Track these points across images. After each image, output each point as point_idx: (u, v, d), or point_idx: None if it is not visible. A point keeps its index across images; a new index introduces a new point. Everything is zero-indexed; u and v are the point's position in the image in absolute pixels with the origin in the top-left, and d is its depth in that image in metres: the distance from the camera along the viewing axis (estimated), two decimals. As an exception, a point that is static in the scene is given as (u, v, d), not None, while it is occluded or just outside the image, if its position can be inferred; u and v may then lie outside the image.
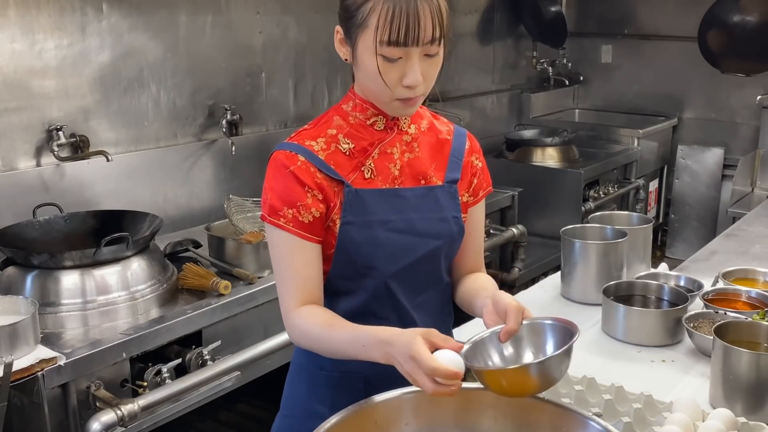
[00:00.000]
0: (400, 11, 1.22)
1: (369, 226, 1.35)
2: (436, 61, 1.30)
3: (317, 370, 1.44)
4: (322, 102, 3.57)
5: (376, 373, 1.37)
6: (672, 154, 5.11)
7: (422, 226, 1.39)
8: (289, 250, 1.34)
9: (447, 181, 1.44)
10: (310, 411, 1.43)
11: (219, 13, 3.08)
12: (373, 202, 1.36)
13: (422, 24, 1.24)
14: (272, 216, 1.33)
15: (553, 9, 5.15)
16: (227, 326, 2.25)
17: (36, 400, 1.82)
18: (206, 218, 2.94)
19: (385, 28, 1.23)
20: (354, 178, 1.36)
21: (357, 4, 1.27)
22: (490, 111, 4.86)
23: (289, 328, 1.36)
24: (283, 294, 1.37)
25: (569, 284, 2.13)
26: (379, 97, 1.34)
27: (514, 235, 3.62)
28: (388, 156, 1.40)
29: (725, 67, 4.68)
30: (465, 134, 1.51)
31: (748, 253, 2.64)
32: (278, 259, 1.37)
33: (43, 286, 2.05)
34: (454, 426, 1.23)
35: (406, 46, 1.25)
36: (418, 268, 1.40)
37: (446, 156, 1.46)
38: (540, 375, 1.15)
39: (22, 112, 2.51)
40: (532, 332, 1.24)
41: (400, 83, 1.28)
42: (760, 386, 1.47)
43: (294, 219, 1.32)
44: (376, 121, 1.39)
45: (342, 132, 1.38)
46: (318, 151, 1.35)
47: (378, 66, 1.27)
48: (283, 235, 1.33)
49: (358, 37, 1.28)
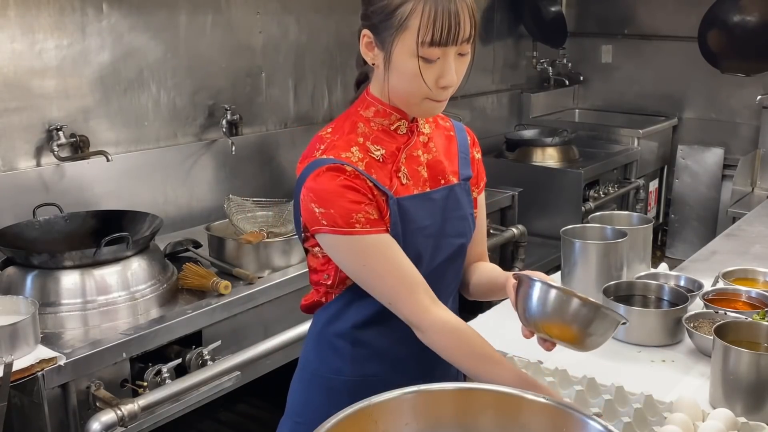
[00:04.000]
0: (442, 11, 1.23)
1: (411, 234, 1.35)
2: (466, 59, 1.31)
3: (334, 376, 1.42)
4: (322, 102, 3.57)
5: (397, 375, 1.37)
6: (672, 154, 5.11)
7: (449, 226, 1.40)
8: (382, 250, 1.30)
9: (462, 178, 1.45)
10: (328, 417, 1.42)
11: (219, 13, 3.08)
12: (414, 210, 1.36)
13: (462, 23, 1.24)
14: (347, 227, 1.28)
15: (553, 9, 5.15)
16: (227, 326, 2.24)
17: (36, 400, 1.82)
18: (206, 218, 2.94)
19: (428, 29, 1.23)
20: (395, 188, 1.35)
21: (394, 6, 1.25)
22: (490, 111, 4.86)
23: (431, 323, 1.30)
24: (403, 295, 1.31)
25: (569, 284, 2.12)
26: (411, 99, 1.32)
27: (514, 235, 3.62)
28: (415, 159, 1.39)
29: (725, 67, 4.68)
30: (463, 128, 1.52)
31: (748, 253, 2.64)
32: (374, 266, 1.30)
33: (43, 286, 2.05)
34: (454, 426, 1.23)
35: (446, 45, 1.25)
36: (447, 267, 1.42)
37: (455, 153, 1.47)
38: (596, 325, 1.23)
39: (22, 112, 2.51)
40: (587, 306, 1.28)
41: (436, 84, 1.28)
42: (760, 386, 1.47)
43: (367, 220, 1.29)
44: (399, 125, 1.38)
45: (368, 139, 1.36)
46: (356, 162, 1.32)
47: (419, 67, 1.26)
48: (367, 240, 1.29)
49: (396, 40, 1.26)
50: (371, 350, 1.41)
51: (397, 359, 1.40)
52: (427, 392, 1.23)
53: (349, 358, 1.41)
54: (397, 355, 1.40)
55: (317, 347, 1.46)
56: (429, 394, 1.23)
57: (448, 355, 1.32)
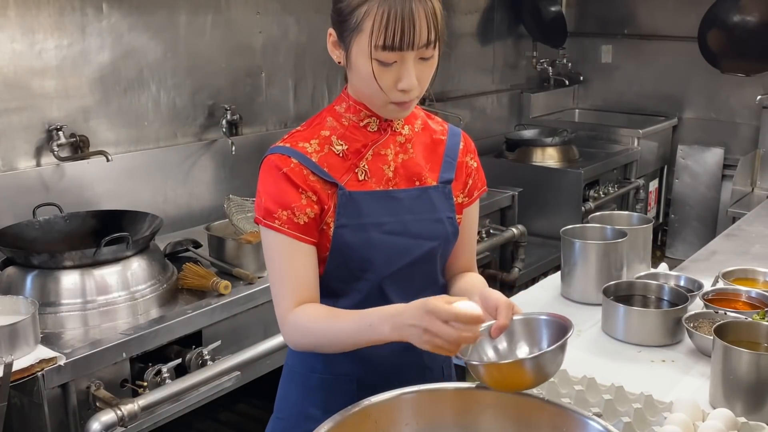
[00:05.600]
0: (395, 15, 1.21)
1: (363, 229, 1.34)
2: (430, 64, 1.29)
3: (310, 373, 1.43)
4: (322, 102, 3.57)
5: (368, 375, 1.38)
6: (672, 154, 5.11)
7: (417, 227, 1.38)
8: (285, 252, 1.33)
9: (441, 181, 1.42)
10: (303, 413, 1.43)
11: (219, 13, 3.08)
12: (367, 205, 1.35)
13: (417, 28, 1.22)
14: (267, 218, 1.32)
15: (553, 9, 5.15)
16: (227, 326, 2.25)
17: (36, 400, 1.82)
18: (206, 218, 2.94)
19: (380, 33, 1.22)
20: (347, 181, 1.35)
21: (351, 8, 1.25)
22: (490, 111, 4.86)
23: (288, 330, 1.34)
24: (278, 297, 1.35)
25: (569, 284, 2.13)
26: (373, 100, 1.33)
27: (514, 235, 3.62)
28: (382, 157, 1.38)
29: (725, 67, 4.68)
30: (459, 134, 1.49)
31: (748, 253, 2.64)
32: (274, 262, 1.35)
33: (43, 286, 2.05)
34: (454, 426, 1.23)
35: (401, 50, 1.23)
36: (414, 270, 1.39)
37: (440, 156, 1.44)
38: (535, 369, 1.16)
39: (22, 112, 2.51)
40: (527, 327, 1.25)
41: (395, 87, 1.27)
42: (760, 386, 1.47)
43: (289, 221, 1.31)
44: (369, 122, 1.38)
45: (335, 133, 1.37)
46: (311, 153, 1.34)
47: (373, 70, 1.25)
48: (278, 238, 1.32)
49: (352, 41, 1.26)
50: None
51: (369, 360, 1.39)
52: (427, 392, 1.24)
53: (322, 355, 1.41)
54: (368, 355, 1.39)
55: None
56: (429, 394, 1.23)
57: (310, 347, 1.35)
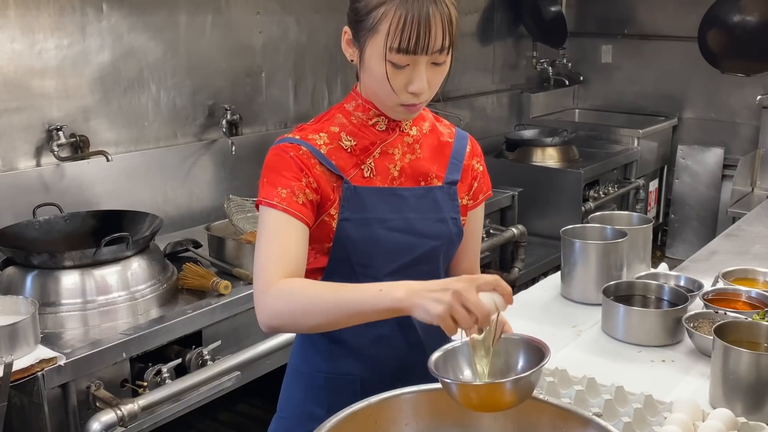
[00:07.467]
0: (411, 19, 1.22)
1: (367, 224, 1.35)
2: (442, 69, 1.30)
3: (314, 372, 1.44)
4: (322, 102, 3.57)
5: (372, 375, 1.38)
6: (672, 154, 5.11)
7: (421, 226, 1.39)
8: (281, 228, 1.29)
9: (446, 182, 1.44)
10: (306, 413, 1.43)
11: (219, 13, 3.08)
12: (371, 200, 1.36)
13: (433, 33, 1.23)
14: (267, 198, 1.30)
15: (553, 9, 5.15)
16: (227, 326, 2.25)
17: (36, 400, 1.82)
18: (206, 218, 2.94)
19: (396, 36, 1.23)
20: (353, 176, 1.36)
21: (368, 8, 1.26)
22: (490, 111, 4.86)
23: (270, 299, 1.24)
24: (263, 269, 1.26)
25: (569, 284, 2.13)
26: (384, 101, 1.34)
27: (514, 235, 3.62)
28: (389, 156, 1.40)
29: (725, 67, 4.68)
30: (467, 137, 1.51)
31: (748, 253, 2.64)
32: (266, 237, 1.29)
33: (43, 286, 2.05)
34: (454, 426, 1.23)
35: (415, 54, 1.24)
36: (416, 269, 1.39)
37: (447, 158, 1.46)
38: (510, 392, 1.12)
39: (22, 112, 2.51)
40: (504, 347, 1.21)
41: (405, 89, 1.29)
42: (760, 386, 1.47)
43: (288, 198, 1.30)
44: (378, 121, 1.39)
45: (344, 130, 1.38)
46: (320, 146, 1.35)
47: (386, 72, 1.26)
48: (275, 214, 1.29)
49: (367, 42, 1.27)
50: (347, 349, 1.41)
51: (374, 360, 1.40)
52: (427, 392, 1.24)
53: (326, 354, 1.42)
54: (373, 355, 1.40)
55: (300, 343, 1.48)
56: (429, 394, 1.23)
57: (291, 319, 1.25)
